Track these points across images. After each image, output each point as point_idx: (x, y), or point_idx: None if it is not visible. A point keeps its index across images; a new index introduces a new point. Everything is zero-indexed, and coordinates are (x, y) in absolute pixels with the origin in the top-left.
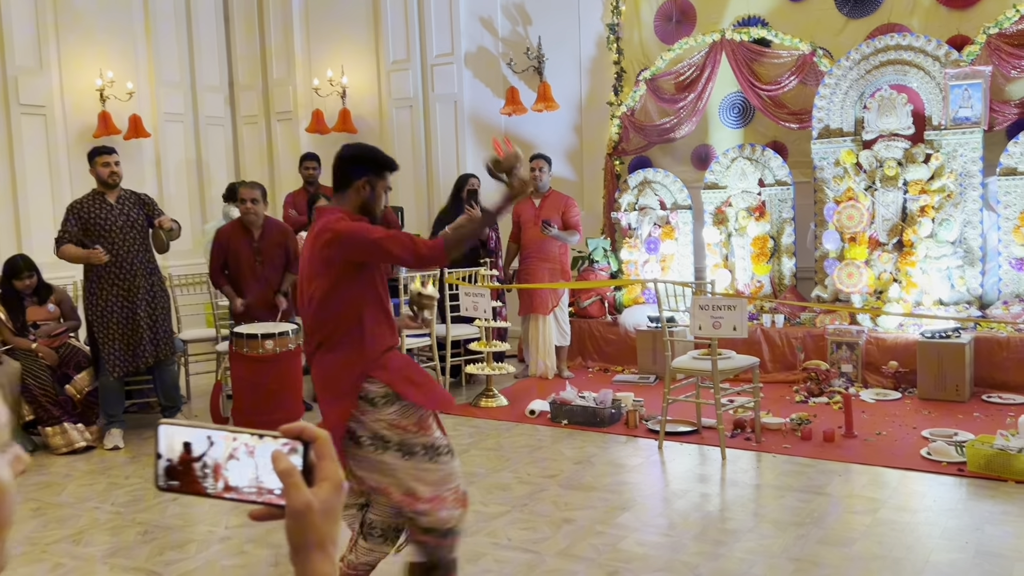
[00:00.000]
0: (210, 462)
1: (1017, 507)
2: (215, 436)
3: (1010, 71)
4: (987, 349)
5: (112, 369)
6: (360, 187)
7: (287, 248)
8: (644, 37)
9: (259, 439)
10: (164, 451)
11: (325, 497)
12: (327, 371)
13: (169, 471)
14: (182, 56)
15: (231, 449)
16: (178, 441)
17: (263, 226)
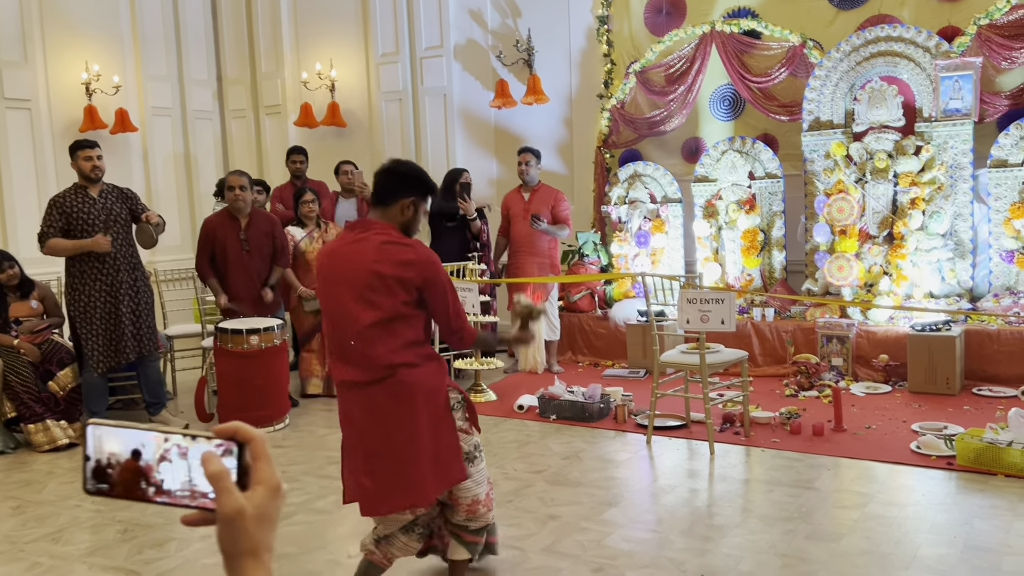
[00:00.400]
0: (141, 464)
1: (1006, 501)
2: (146, 437)
3: (1000, 62)
4: (977, 342)
5: (95, 365)
6: (405, 206)
7: (274, 238)
8: (634, 29)
9: (192, 440)
10: (92, 453)
11: (259, 502)
12: (423, 387)
13: (97, 473)
14: (169, 50)
15: (162, 450)
16: (107, 442)
17: (250, 215)
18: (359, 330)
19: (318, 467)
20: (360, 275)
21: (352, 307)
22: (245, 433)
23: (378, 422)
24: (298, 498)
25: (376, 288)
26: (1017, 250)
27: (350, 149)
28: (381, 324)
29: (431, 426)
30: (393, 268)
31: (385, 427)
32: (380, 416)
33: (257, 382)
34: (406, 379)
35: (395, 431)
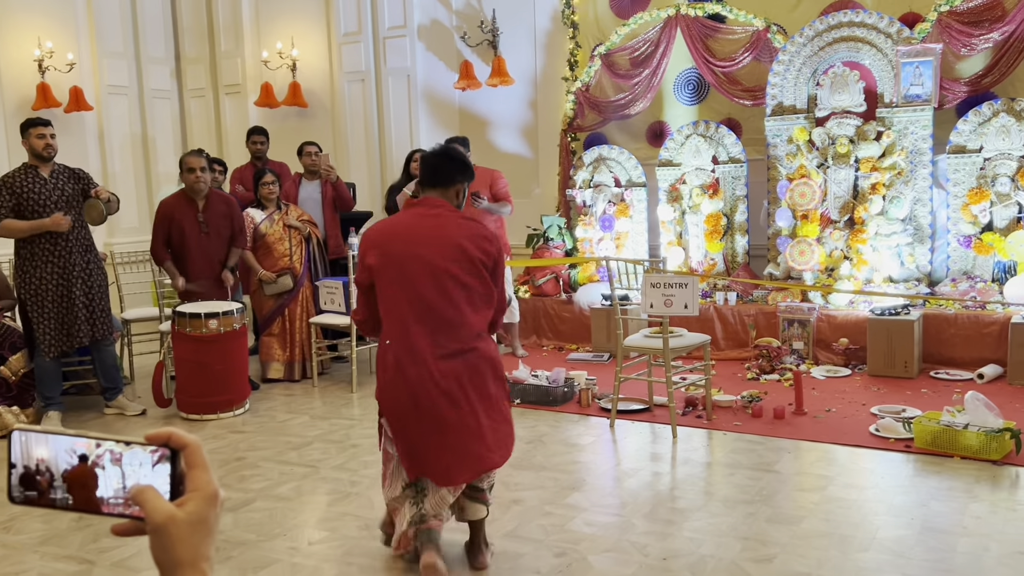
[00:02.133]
0: (70, 470)
1: (962, 483)
2: (76, 444)
3: (960, 49)
4: (935, 326)
5: (47, 350)
6: (460, 191)
7: (232, 219)
8: (599, 12)
9: (126, 446)
10: (19, 459)
11: (194, 509)
12: (495, 359)
13: (25, 479)
14: (125, 26)
15: (94, 457)
16: (35, 449)
17: (207, 197)
18: (450, 302)
19: (278, 453)
20: (447, 248)
21: (440, 279)
22: (179, 439)
23: (463, 392)
24: (258, 484)
25: (462, 262)
26: (974, 235)
27: (312, 130)
28: (468, 297)
29: (501, 395)
30: (476, 243)
31: (467, 396)
32: (464, 386)
33: (216, 367)
34: (485, 351)
35: (478, 400)
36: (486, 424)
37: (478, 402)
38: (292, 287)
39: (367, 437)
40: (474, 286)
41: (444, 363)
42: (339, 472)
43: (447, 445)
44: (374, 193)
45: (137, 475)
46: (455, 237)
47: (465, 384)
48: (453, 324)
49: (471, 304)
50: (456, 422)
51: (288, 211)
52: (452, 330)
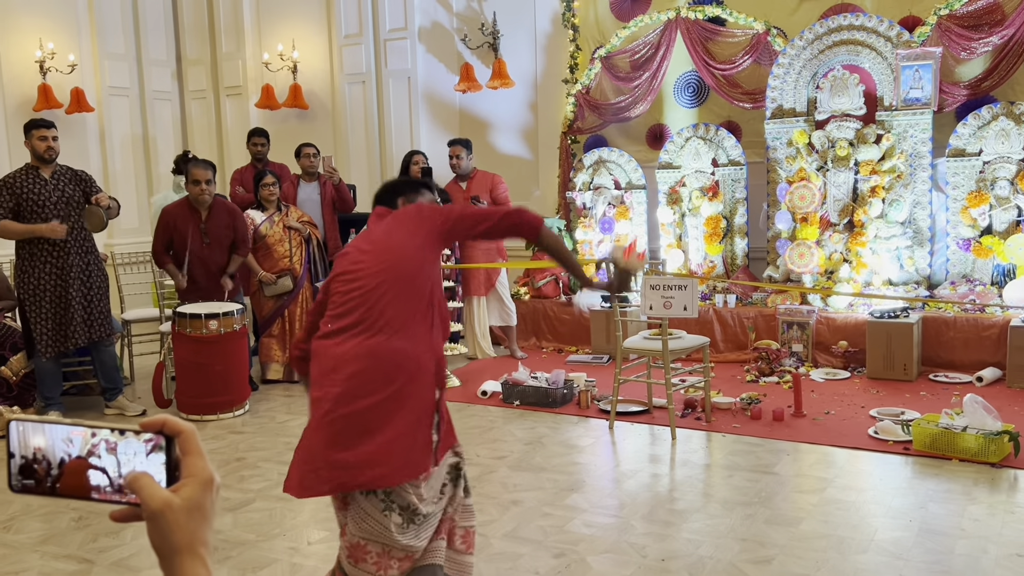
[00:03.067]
0: (68, 459)
1: (960, 485)
2: (72, 432)
3: (960, 52)
4: (935, 329)
5: (43, 350)
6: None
7: (235, 229)
8: (600, 14)
9: (120, 435)
10: (17, 449)
11: (190, 495)
12: None
13: (23, 470)
14: (127, 28)
15: (89, 446)
16: (32, 438)
17: (211, 206)
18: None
19: (278, 453)
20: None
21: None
22: (174, 426)
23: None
24: (257, 484)
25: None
26: (973, 238)
27: (312, 132)
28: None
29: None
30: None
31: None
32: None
33: (216, 368)
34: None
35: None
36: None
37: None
38: (292, 288)
39: None
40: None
41: None
42: None
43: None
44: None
45: (132, 464)
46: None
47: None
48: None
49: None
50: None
51: (288, 212)
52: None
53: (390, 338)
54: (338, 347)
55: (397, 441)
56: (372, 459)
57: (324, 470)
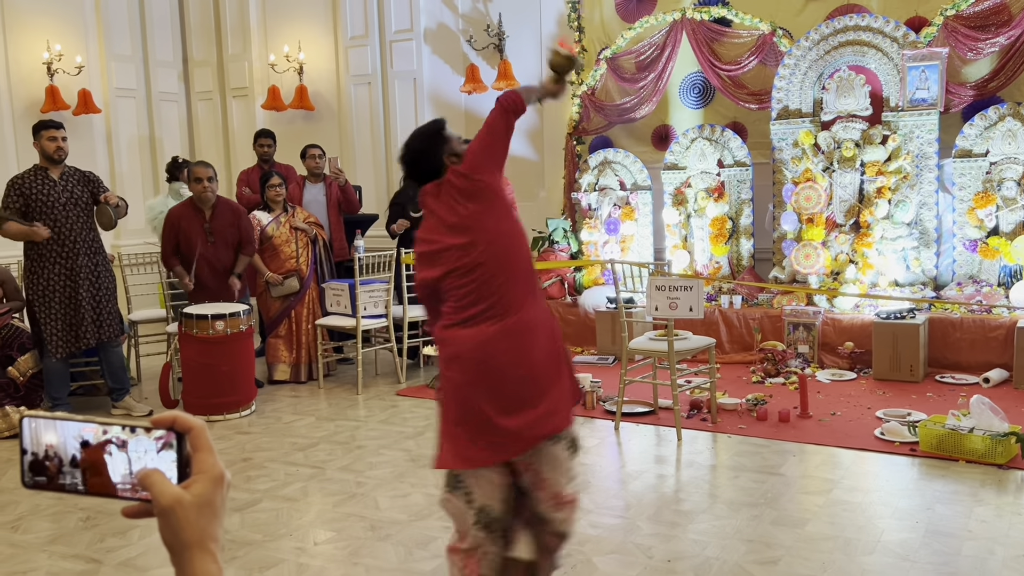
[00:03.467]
0: (78, 456)
1: (967, 487)
2: (84, 429)
3: (966, 53)
4: (941, 330)
5: (54, 350)
6: (445, 166)
7: (240, 228)
8: (605, 15)
9: (131, 432)
10: (29, 446)
11: (200, 491)
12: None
13: (35, 467)
14: (134, 29)
15: (100, 442)
16: (44, 435)
17: (215, 206)
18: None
19: (284, 454)
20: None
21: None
22: (184, 423)
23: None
24: (263, 485)
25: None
26: (980, 239)
27: (318, 133)
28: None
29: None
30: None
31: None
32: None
33: (223, 368)
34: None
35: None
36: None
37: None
38: (298, 289)
39: (373, 438)
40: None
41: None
42: (345, 473)
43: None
44: (380, 195)
45: (143, 461)
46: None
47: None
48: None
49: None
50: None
51: (294, 213)
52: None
53: (521, 313)
54: (482, 333)
55: (564, 389)
56: (553, 409)
57: (510, 434)
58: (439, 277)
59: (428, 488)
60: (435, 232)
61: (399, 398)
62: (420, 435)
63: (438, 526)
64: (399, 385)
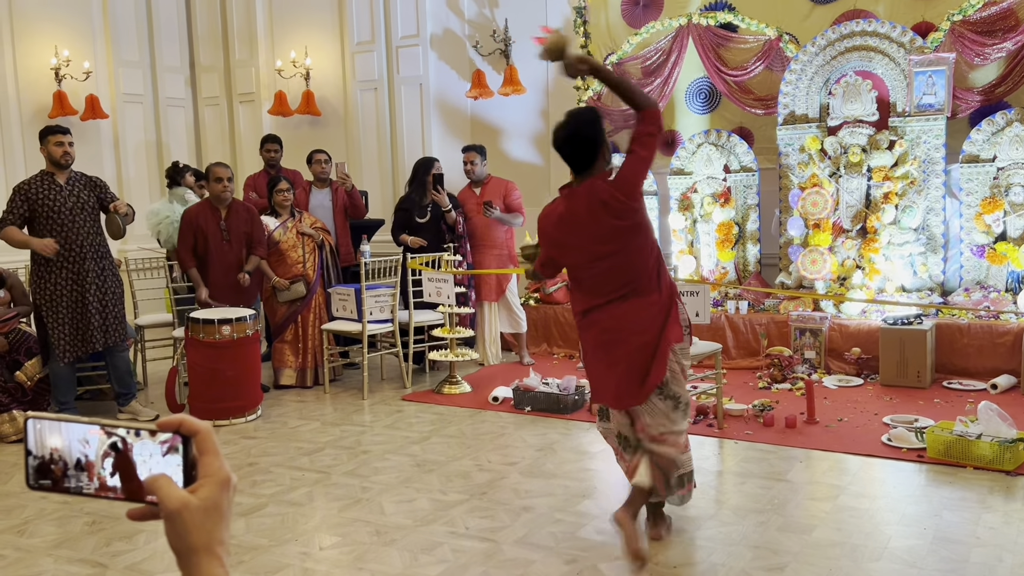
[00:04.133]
0: (84, 460)
1: (975, 493)
2: (88, 432)
3: (973, 58)
4: (948, 336)
5: (61, 355)
6: (604, 153)
7: (252, 226)
8: (611, 21)
9: (136, 436)
10: (34, 448)
11: (207, 495)
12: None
13: (40, 469)
14: (141, 35)
15: (106, 445)
16: (49, 439)
17: (229, 205)
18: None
19: (290, 459)
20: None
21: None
22: (190, 426)
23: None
24: (269, 490)
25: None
26: (988, 245)
27: (325, 138)
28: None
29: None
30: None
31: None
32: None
33: (228, 373)
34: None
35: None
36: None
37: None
38: (305, 294)
39: (378, 443)
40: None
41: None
42: (350, 478)
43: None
44: (386, 201)
45: (148, 465)
46: (601, 211)
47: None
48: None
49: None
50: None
51: (302, 218)
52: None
53: (644, 295)
54: (617, 308)
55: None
56: (659, 370)
57: (635, 388)
58: (572, 264)
59: (433, 493)
60: (574, 233)
61: (405, 403)
62: (426, 440)
63: (443, 531)
64: (405, 390)
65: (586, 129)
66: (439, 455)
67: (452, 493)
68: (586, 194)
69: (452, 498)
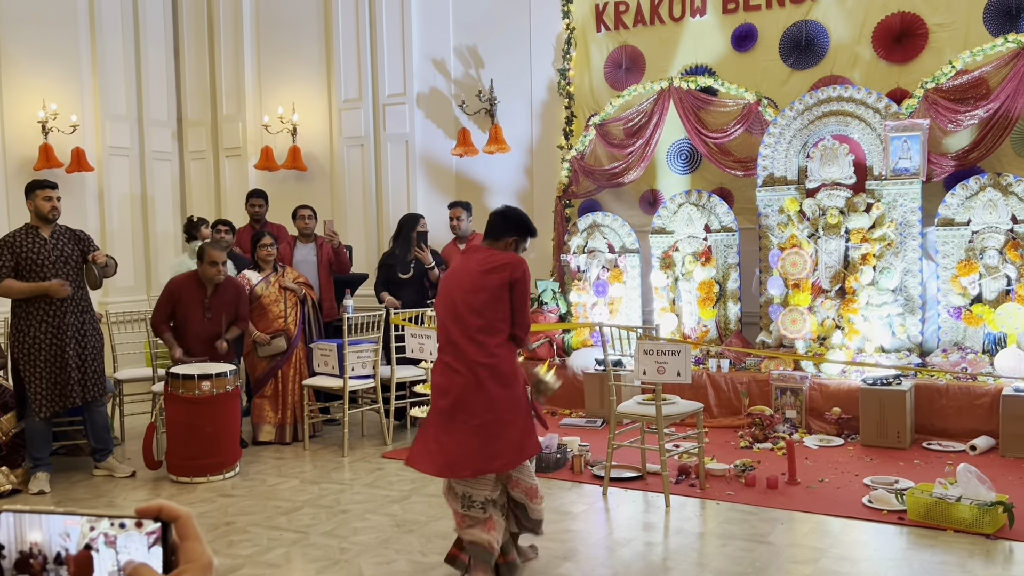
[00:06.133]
0: (64, 553)
1: (955, 557)
2: (69, 526)
3: (947, 124)
4: (927, 397)
5: (38, 409)
6: (508, 243)
7: (238, 305)
8: (594, 83)
9: (121, 528)
10: (12, 543)
11: None
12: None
13: (19, 564)
14: (129, 89)
15: (88, 539)
16: (29, 533)
17: (218, 284)
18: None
19: (268, 518)
20: (471, 280)
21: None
22: (171, 511)
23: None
24: (246, 550)
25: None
26: (964, 307)
27: (311, 193)
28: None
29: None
30: (501, 275)
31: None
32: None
33: (207, 429)
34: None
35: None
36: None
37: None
38: (286, 349)
39: (358, 502)
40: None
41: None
42: (329, 539)
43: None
44: (371, 255)
45: (132, 557)
46: (483, 269)
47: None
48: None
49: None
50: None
51: (284, 273)
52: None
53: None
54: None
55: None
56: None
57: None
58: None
59: (413, 555)
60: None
61: (385, 460)
62: (406, 499)
63: None
64: (385, 447)
65: (513, 213)
66: (419, 515)
67: (432, 555)
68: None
69: (431, 560)
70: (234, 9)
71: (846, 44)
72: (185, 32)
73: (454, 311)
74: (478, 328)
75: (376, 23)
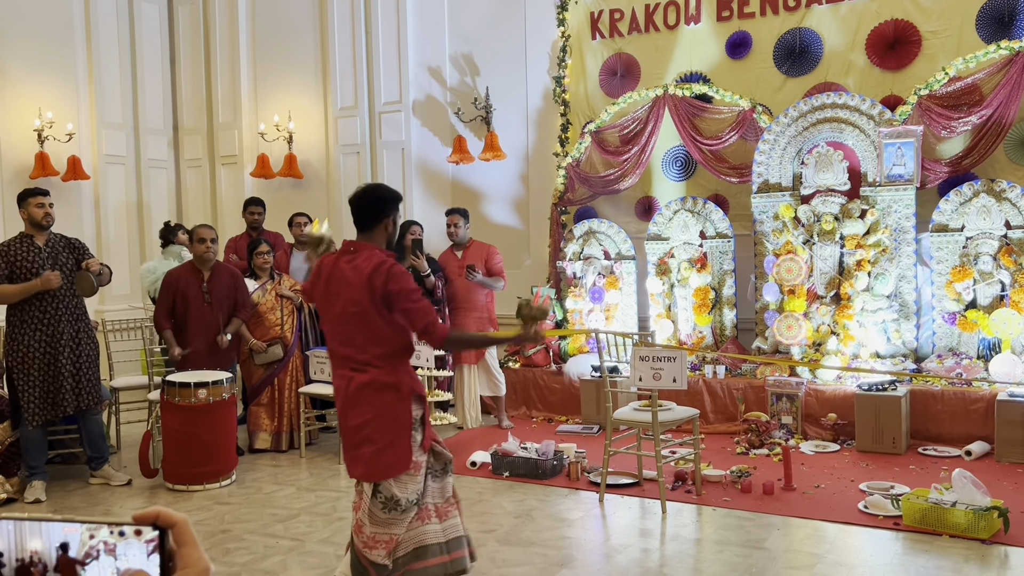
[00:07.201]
0: (63, 563)
1: (951, 562)
2: (69, 534)
3: (940, 131)
4: (922, 402)
5: (31, 418)
6: (386, 225)
7: (236, 290)
8: (589, 90)
9: (120, 536)
10: (11, 551)
11: None
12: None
13: (20, 572)
14: (125, 98)
15: (87, 548)
16: (29, 541)
17: (213, 268)
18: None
19: (264, 525)
20: (350, 290)
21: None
22: (167, 518)
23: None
24: (242, 558)
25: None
26: (959, 312)
27: (307, 201)
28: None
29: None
30: (376, 282)
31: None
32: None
33: (204, 437)
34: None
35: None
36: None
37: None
38: (282, 357)
39: None
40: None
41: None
42: (325, 546)
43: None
44: None
45: (130, 565)
46: (364, 276)
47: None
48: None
49: (368, 329)
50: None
51: (281, 281)
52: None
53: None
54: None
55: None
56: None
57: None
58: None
59: None
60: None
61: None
62: None
63: None
64: None
65: (378, 191)
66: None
67: None
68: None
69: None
70: (230, 17)
71: (840, 51)
72: (181, 40)
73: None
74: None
75: (372, 31)
